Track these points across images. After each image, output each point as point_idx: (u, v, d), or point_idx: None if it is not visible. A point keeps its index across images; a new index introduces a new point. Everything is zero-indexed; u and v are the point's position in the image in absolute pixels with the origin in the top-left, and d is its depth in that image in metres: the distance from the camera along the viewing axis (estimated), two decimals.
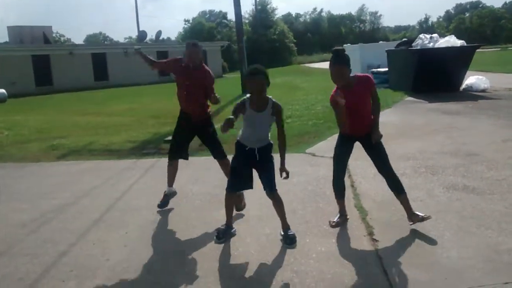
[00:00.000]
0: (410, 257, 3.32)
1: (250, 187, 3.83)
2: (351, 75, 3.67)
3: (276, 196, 3.69)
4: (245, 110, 3.59)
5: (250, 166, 3.76)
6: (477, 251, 3.34)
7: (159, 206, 4.68)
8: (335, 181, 4.00)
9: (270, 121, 3.65)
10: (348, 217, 4.06)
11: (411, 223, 3.79)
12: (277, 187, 3.70)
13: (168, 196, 4.74)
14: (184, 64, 4.56)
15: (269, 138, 3.74)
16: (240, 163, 3.75)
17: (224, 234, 3.77)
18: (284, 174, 3.67)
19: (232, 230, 3.87)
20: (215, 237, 3.76)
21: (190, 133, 4.70)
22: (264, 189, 3.73)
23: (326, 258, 3.37)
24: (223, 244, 3.72)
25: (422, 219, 3.76)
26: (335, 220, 3.98)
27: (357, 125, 3.74)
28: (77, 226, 4.32)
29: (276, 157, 3.74)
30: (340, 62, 3.57)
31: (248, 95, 3.60)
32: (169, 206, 4.71)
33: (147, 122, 11.25)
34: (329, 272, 3.16)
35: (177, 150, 4.72)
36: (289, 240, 3.61)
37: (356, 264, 3.26)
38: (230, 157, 4.17)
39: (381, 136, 3.75)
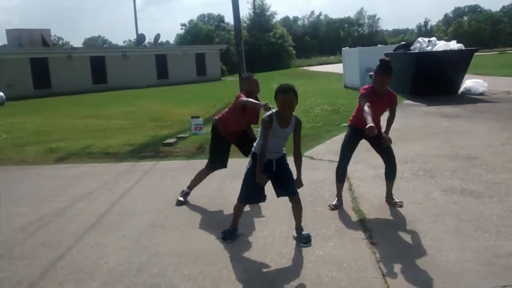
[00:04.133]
0: (408, 260, 3.33)
1: (263, 199, 3.82)
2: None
3: (298, 199, 3.76)
4: (272, 125, 3.58)
5: (267, 178, 3.74)
6: (475, 254, 3.34)
7: (178, 203, 4.82)
8: (339, 167, 4.48)
9: (289, 135, 3.72)
10: (342, 202, 4.49)
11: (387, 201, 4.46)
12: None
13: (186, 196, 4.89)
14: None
15: None
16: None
17: (230, 235, 3.85)
18: (299, 185, 3.77)
19: (237, 232, 3.94)
20: (221, 238, 3.83)
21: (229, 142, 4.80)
22: (284, 195, 3.77)
23: (324, 262, 3.37)
24: (221, 248, 3.72)
25: (395, 204, 4.37)
26: (334, 203, 4.45)
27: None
28: (75, 229, 4.32)
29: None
30: (386, 72, 4.16)
31: (274, 110, 3.60)
32: (168, 209, 4.71)
33: (145, 125, 11.26)
34: (327, 276, 3.16)
35: (219, 160, 4.80)
36: (304, 240, 3.69)
37: (354, 267, 3.26)
38: None
39: (390, 140, 4.31)
